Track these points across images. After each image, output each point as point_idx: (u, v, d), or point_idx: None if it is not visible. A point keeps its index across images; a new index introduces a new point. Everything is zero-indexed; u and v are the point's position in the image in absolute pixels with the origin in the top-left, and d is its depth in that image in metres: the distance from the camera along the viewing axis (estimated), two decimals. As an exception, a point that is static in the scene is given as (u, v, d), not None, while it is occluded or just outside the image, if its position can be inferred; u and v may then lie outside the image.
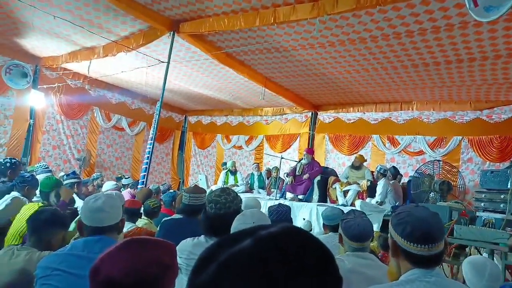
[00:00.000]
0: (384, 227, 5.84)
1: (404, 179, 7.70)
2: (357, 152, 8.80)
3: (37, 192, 3.88)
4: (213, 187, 7.23)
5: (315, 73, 7.27)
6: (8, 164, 4.34)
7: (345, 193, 6.85)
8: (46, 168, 5.70)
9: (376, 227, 5.67)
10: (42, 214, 2.20)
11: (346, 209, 3.66)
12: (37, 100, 8.64)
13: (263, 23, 4.99)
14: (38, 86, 8.68)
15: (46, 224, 2.14)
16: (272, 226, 0.55)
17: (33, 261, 1.90)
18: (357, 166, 7.30)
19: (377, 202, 6.38)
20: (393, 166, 7.44)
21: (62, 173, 6.95)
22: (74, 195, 4.71)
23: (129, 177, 8.79)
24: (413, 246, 1.38)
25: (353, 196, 6.77)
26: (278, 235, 0.52)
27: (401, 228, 1.42)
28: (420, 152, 8.45)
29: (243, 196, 2.72)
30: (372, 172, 7.18)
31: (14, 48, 8.01)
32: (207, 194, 2.47)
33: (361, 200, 6.44)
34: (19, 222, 3.07)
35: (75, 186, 4.95)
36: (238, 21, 5.17)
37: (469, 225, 3.70)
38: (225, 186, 7.10)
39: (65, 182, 4.76)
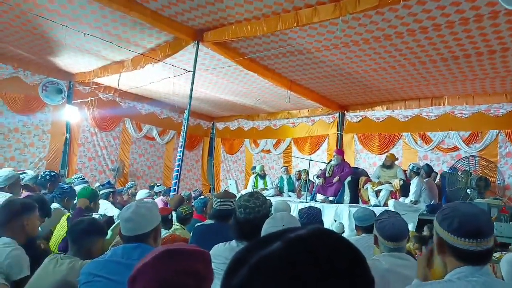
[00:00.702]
0: (419, 226, 5.68)
1: (439, 177, 7.46)
2: (388, 151, 8.61)
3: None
4: (243, 192, 7.28)
5: (340, 73, 7.19)
6: (48, 177, 4.57)
7: (377, 193, 6.71)
8: (83, 179, 5.93)
9: (411, 227, 5.53)
10: (80, 224, 2.29)
11: (379, 210, 3.60)
12: (72, 114, 9.03)
13: (285, 27, 5.00)
14: (73, 101, 9.07)
15: (84, 233, 2.24)
16: (302, 229, 0.56)
17: (75, 269, 1.98)
18: (388, 165, 7.14)
19: (411, 201, 6.21)
20: (427, 164, 7.22)
21: (97, 184, 7.21)
22: (107, 203, 4.88)
23: (160, 185, 9.00)
24: (460, 240, 1.29)
25: (385, 196, 6.62)
26: (307, 237, 0.52)
27: (447, 222, 1.33)
28: (455, 148, 8.17)
29: (273, 200, 2.74)
30: (405, 170, 6.99)
31: (49, 66, 8.42)
32: (236, 199, 2.51)
33: (394, 199, 6.29)
34: (59, 232, 3.22)
35: (111, 196, 5.14)
36: (260, 27, 5.21)
37: (510, 222, 3.54)
38: (254, 191, 7.14)
39: (101, 192, 4.94)
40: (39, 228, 2.77)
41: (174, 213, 4.22)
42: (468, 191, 6.09)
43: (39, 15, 5.51)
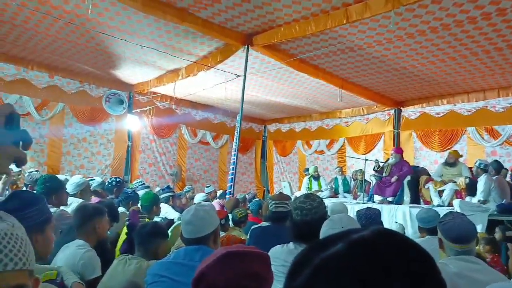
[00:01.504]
0: (490, 228, 5.27)
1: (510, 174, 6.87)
2: (450, 148, 8.11)
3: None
4: (297, 194, 7.24)
5: (394, 68, 6.91)
6: (114, 183, 4.89)
7: (440, 192, 6.32)
8: (144, 184, 6.27)
9: (480, 228, 5.15)
10: (145, 227, 2.43)
11: (442, 210, 3.40)
12: (132, 123, 9.59)
13: (335, 25, 4.91)
14: (133, 111, 9.62)
15: (150, 235, 2.37)
16: (364, 230, 0.54)
17: (142, 270, 2.11)
18: (451, 162, 6.71)
19: (479, 200, 5.78)
20: (495, 160, 6.68)
21: (158, 188, 7.57)
22: (168, 207, 5.10)
23: (210, 186, 9.19)
24: None
25: (450, 195, 6.22)
26: (370, 238, 0.51)
27: None
28: (528, 142, 7.49)
29: (328, 201, 2.70)
30: (470, 168, 6.52)
31: (111, 79, 9.01)
32: (291, 200, 2.50)
33: (459, 199, 5.90)
34: (123, 235, 3.43)
35: (170, 199, 5.38)
36: (309, 26, 5.17)
37: None
38: (309, 192, 7.07)
39: (161, 196, 5.19)
40: (108, 231, 2.98)
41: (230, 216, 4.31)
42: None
43: (101, 32, 5.93)
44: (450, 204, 6.04)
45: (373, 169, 7.58)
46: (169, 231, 3.52)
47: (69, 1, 5.10)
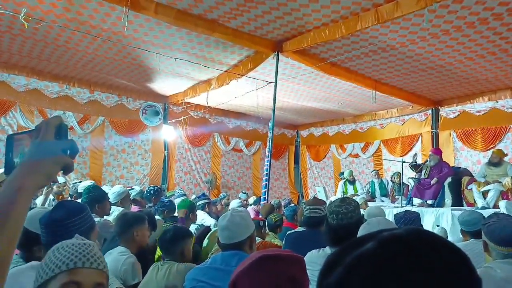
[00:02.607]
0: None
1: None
2: (494, 147, 7.72)
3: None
4: (332, 198, 7.14)
5: (430, 66, 6.70)
6: (152, 192, 5.05)
7: (484, 194, 6.03)
8: (182, 192, 6.42)
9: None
10: (167, 233, 2.53)
11: (487, 212, 3.24)
12: (168, 133, 9.86)
13: (366, 26, 4.85)
14: (168, 121, 9.90)
15: (173, 240, 2.48)
16: (396, 229, 0.55)
17: (172, 272, 2.18)
18: (495, 162, 6.40)
19: (528, 202, 5.46)
20: (545, 158, 6.30)
21: (194, 196, 7.72)
22: (204, 214, 5.19)
23: (245, 192, 9.27)
24: None
25: (495, 196, 5.91)
26: (402, 235, 0.51)
27: None
28: None
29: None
30: (517, 167, 6.18)
31: (147, 92, 9.34)
32: (326, 205, 2.48)
33: (506, 200, 5.59)
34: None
35: (206, 206, 5.47)
36: (339, 29, 5.12)
37: None
38: (344, 196, 6.94)
39: (197, 204, 5.29)
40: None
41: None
42: None
43: (136, 47, 6.18)
44: (495, 206, 5.74)
45: (409, 165, 7.37)
46: (206, 238, 3.59)
47: (107, 20, 5.36)
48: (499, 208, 5.42)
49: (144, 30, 5.67)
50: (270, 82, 6.94)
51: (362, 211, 2.40)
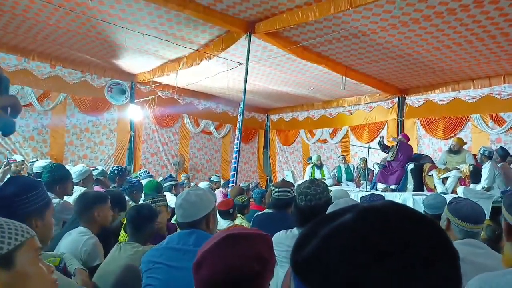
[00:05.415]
0: (493, 215, 5.24)
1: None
2: (454, 135, 8.06)
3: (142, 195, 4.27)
4: (300, 182, 7.23)
5: (399, 54, 6.82)
6: (116, 172, 4.88)
7: (443, 180, 6.29)
8: (148, 173, 6.26)
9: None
10: (140, 212, 2.39)
11: (447, 198, 3.36)
12: (135, 113, 9.56)
13: (338, 10, 4.83)
14: (135, 100, 9.59)
15: (146, 220, 2.35)
16: (374, 202, 0.53)
17: (139, 254, 2.09)
18: (456, 150, 6.66)
19: (483, 187, 5.75)
20: (501, 147, 6.63)
21: (161, 178, 7.57)
22: (171, 195, 5.09)
23: (218, 175, 9.22)
24: None
25: (453, 182, 6.19)
26: (382, 208, 0.49)
27: None
28: (533, 129, 7.41)
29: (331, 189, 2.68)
30: (475, 155, 6.48)
31: (113, 69, 8.97)
32: (295, 187, 2.48)
33: (463, 186, 5.87)
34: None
35: (173, 188, 5.37)
36: (312, 12, 5.08)
37: None
38: (313, 178, 7.03)
39: (164, 185, 5.18)
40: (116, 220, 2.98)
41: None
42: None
43: (102, 20, 5.87)
44: (453, 192, 6.02)
45: (378, 143, 7.64)
46: (172, 220, 3.52)
47: (69, -11, 5.04)
48: (457, 194, 5.67)
49: (110, 2, 5.38)
50: (241, 64, 6.84)
51: (329, 194, 2.41)
